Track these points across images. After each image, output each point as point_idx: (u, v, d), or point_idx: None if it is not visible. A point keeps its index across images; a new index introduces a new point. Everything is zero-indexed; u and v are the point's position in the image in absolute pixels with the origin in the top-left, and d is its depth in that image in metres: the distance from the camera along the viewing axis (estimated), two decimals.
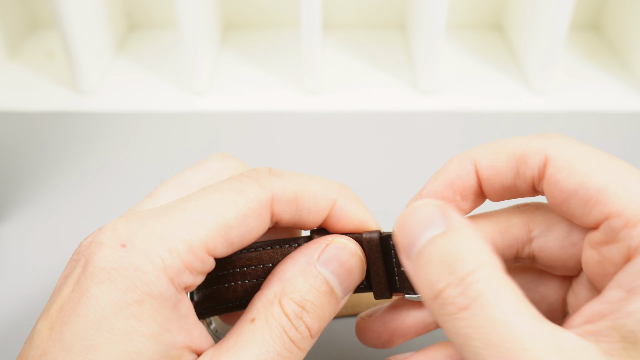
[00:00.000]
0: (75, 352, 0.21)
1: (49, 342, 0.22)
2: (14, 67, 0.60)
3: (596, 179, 0.23)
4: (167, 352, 0.22)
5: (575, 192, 0.23)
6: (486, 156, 0.26)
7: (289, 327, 0.23)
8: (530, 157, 0.25)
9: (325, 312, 0.25)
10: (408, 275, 0.23)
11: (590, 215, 0.23)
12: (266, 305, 0.24)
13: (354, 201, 0.27)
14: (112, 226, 0.23)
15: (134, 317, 0.22)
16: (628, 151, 0.49)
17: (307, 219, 0.26)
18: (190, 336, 0.23)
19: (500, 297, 0.20)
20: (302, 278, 0.24)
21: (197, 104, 0.55)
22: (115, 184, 0.46)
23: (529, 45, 0.57)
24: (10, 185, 0.46)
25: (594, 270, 0.24)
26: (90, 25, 0.55)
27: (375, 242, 0.27)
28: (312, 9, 0.50)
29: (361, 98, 0.56)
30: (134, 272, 0.22)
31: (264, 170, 0.26)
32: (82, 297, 0.22)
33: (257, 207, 0.24)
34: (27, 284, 0.39)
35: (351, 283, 0.26)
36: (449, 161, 0.27)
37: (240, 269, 0.27)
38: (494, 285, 0.21)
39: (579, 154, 0.24)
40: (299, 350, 0.24)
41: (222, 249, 0.24)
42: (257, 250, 0.26)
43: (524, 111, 0.54)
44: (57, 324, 0.22)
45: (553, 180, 0.24)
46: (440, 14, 0.51)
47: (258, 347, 0.23)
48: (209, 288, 0.28)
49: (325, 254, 0.25)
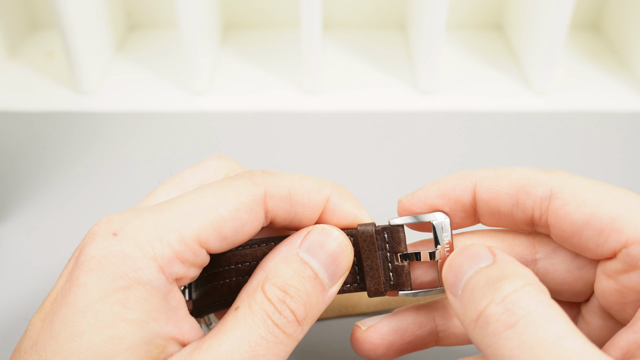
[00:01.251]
0: (62, 339, 0.22)
1: (41, 332, 0.22)
2: (14, 67, 0.60)
3: (607, 208, 0.23)
4: (151, 340, 0.22)
5: (587, 223, 0.23)
6: (488, 179, 0.25)
7: (273, 311, 0.23)
8: (534, 187, 0.24)
9: (311, 298, 0.24)
10: (453, 309, 0.23)
11: (605, 245, 0.23)
12: (250, 293, 0.24)
13: (348, 197, 0.27)
14: (107, 219, 0.24)
15: (119, 303, 0.22)
16: (628, 151, 0.49)
17: (302, 215, 0.26)
18: (179, 329, 0.23)
19: (550, 317, 0.20)
20: (285, 264, 0.24)
21: (196, 104, 0.55)
22: (115, 183, 0.46)
23: (529, 45, 0.57)
24: (10, 185, 0.46)
25: (612, 299, 0.24)
26: (90, 25, 0.55)
27: (370, 234, 0.26)
28: (312, 9, 0.50)
29: (361, 98, 0.56)
30: (123, 259, 0.22)
31: (257, 170, 0.26)
32: (72, 286, 0.22)
33: (250, 202, 0.25)
34: (27, 284, 0.39)
35: (337, 269, 0.25)
36: (451, 174, 0.27)
37: (236, 266, 0.27)
38: (543, 304, 0.20)
39: (585, 185, 0.24)
40: (285, 336, 0.23)
41: (215, 242, 0.24)
42: (252, 247, 0.27)
43: (524, 111, 0.54)
44: (49, 314, 0.23)
45: (562, 212, 0.24)
46: (440, 14, 0.51)
47: (241, 331, 0.23)
48: (205, 286, 0.28)
49: (307, 240, 0.25)
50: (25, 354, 0.22)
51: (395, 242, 0.27)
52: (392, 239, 0.27)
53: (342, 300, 0.36)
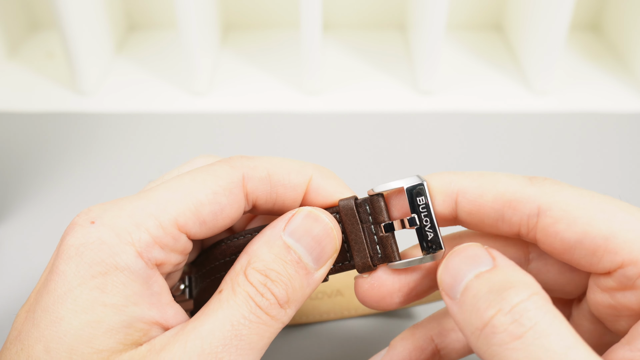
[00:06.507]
0: (43, 326, 0.22)
1: (24, 322, 0.23)
2: (14, 67, 0.60)
3: (600, 226, 0.22)
4: (131, 324, 0.22)
5: (579, 243, 0.22)
6: (472, 191, 0.24)
7: (254, 293, 0.23)
8: (521, 204, 0.23)
9: (294, 282, 0.24)
10: (450, 312, 0.22)
11: (599, 264, 0.22)
12: (233, 277, 0.24)
13: (331, 176, 0.27)
14: (87, 209, 0.24)
15: (97, 289, 0.22)
16: (628, 152, 0.49)
17: (284, 197, 0.26)
18: (162, 314, 0.23)
19: (557, 328, 0.19)
20: (267, 248, 0.24)
21: (197, 104, 0.55)
22: (115, 184, 0.46)
23: (529, 45, 0.57)
24: (10, 185, 0.46)
25: (606, 311, 0.24)
26: (90, 25, 0.55)
27: (350, 207, 0.26)
28: (312, 9, 0.50)
29: (361, 98, 0.56)
30: (100, 245, 0.22)
31: (236, 156, 0.26)
32: (52, 275, 0.23)
33: (228, 185, 0.25)
34: (27, 284, 0.39)
35: (322, 252, 0.25)
36: (430, 178, 0.26)
37: (230, 257, 0.27)
38: (550, 315, 0.20)
39: (575, 200, 0.22)
40: (268, 317, 0.23)
41: (194, 226, 0.24)
42: (245, 237, 0.26)
43: (524, 112, 0.54)
44: (32, 305, 0.23)
45: (552, 231, 0.23)
46: (440, 14, 0.51)
47: (223, 312, 0.23)
48: (204, 282, 0.28)
49: (291, 223, 0.25)
50: (11, 344, 0.23)
51: (377, 213, 0.26)
52: (374, 210, 0.26)
53: (343, 303, 0.36)
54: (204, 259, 0.28)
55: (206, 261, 0.28)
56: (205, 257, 0.28)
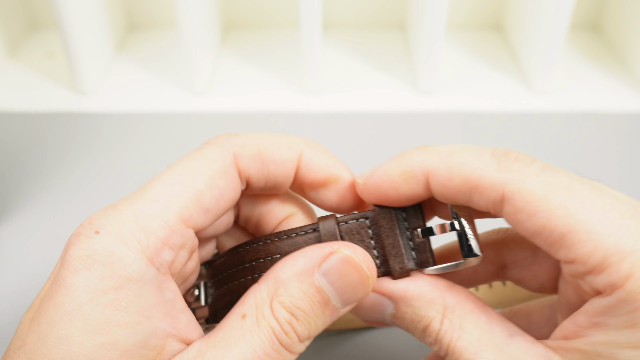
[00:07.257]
0: (50, 342, 0.21)
1: (28, 333, 0.22)
2: (14, 67, 0.60)
3: (558, 222, 0.21)
4: (146, 343, 0.22)
5: (538, 234, 0.22)
6: (440, 173, 0.24)
7: (279, 330, 0.23)
8: (487, 190, 0.23)
9: (318, 320, 0.23)
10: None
11: (557, 255, 0.22)
12: (259, 303, 0.23)
13: (322, 150, 0.27)
14: (89, 217, 0.23)
15: (110, 306, 0.21)
16: (628, 152, 0.49)
17: (276, 173, 0.26)
18: (175, 323, 0.23)
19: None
20: (298, 282, 0.23)
21: (197, 104, 0.55)
22: (116, 184, 0.46)
23: (529, 45, 0.57)
24: (10, 185, 0.46)
25: (569, 292, 0.25)
26: (90, 25, 0.55)
27: (389, 212, 0.25)
28: (312, 9, 0.50)
29: (361, 98, 0.56)
30: (109, 257, 0.22)
31: (223, 134, 0.26)
32: (59, 287, 0.22)
33: (222, 167, 0.24)
34: (28, 284, 0.39)
35: (353, 296, 0.24)
36: (397, 160, 0.25)
37: (250, 264, 0.26)
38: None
39: (539, 190, 0.22)
40: (288, 353, 0.23)
41: (199, 217, 0.24)
42: (265, 243, 0.26)
43: (524, 112, 0.54)
44: (37, 314, 0.22)
45: (513, 219, 0.23)
46: (440, 14, 0.51)
47: (246, 345, 0.22)
48: (221, 288, 0.27)
49: (327, 262, 0.23)
50: (14, 354, 0.22)
51: (414, 218, 0.26)
52: (409, 215, 0.26)
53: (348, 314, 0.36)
54: (220, 264, 0.28)
55: (222, 266, 0.28)
56: (222, 262, 0.28)
